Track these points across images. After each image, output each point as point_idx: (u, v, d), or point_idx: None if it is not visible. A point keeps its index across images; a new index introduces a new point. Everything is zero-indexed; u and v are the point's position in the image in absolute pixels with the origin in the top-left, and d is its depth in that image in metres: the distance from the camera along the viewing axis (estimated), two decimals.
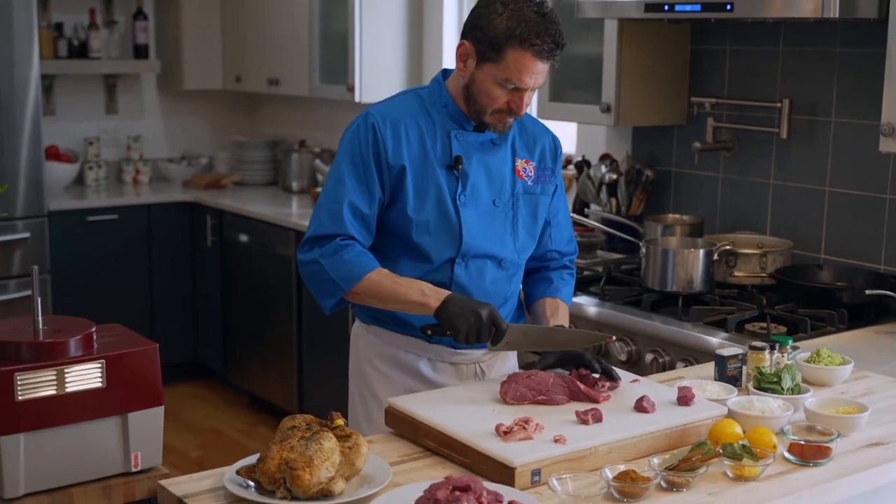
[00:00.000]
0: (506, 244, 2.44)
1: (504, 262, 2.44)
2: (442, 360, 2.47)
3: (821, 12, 2.84)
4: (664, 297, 3.26)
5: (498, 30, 2.24)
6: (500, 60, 2.26)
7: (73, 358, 1.86)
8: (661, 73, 3.78)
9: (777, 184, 3.61)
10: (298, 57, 5.37)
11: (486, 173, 2.41)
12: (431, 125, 2.39)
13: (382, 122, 2.35)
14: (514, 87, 2.28)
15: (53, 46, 5.62)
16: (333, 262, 2.31)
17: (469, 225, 2.38)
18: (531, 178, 2.47)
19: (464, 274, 2.40)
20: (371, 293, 2.31)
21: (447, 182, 2.37)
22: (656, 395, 2.17)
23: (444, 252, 2.38)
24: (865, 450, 2.09)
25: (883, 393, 2.43)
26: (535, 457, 1.89)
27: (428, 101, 2.41)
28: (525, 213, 2.47)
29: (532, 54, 2.24)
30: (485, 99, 2.32)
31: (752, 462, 1.91)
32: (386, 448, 2.08)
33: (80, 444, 1.88)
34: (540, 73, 2.29)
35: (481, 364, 2.50)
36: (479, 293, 2.40)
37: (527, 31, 2.23)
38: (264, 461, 1.80)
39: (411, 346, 2.46)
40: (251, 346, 5.38)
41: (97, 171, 5.81)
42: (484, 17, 2.28)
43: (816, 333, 2.97)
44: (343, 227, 2.32)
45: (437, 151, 2.37)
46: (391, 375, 2.48)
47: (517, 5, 2.25)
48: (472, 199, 2.39)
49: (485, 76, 2.29)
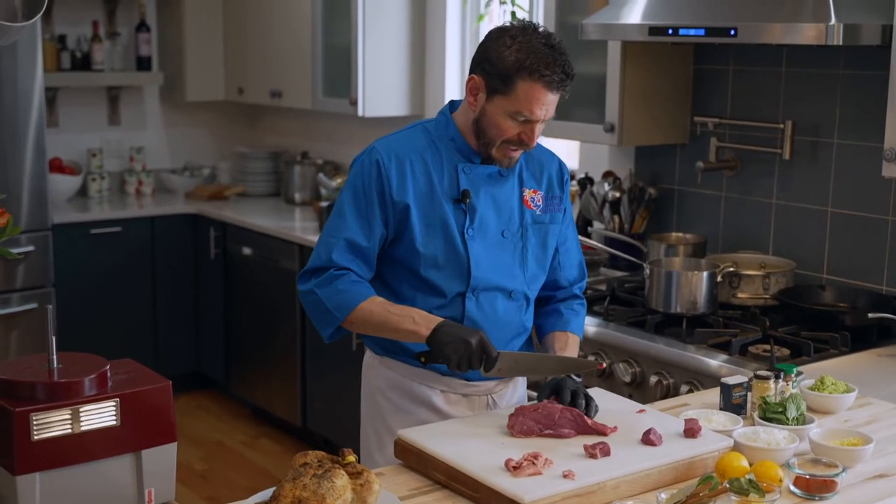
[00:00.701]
0: (515, 276, 2.46)
1: (514, 293, 2.46)
2: (454, 391, 2.48)
3: (824, 40, 2.87)
4: (668, 319, 3.28)
5: (507, 62, 2.26)
6: (511, 92, 2.27)
7: (87, 397, 1.87)
8: (664, 92, 3.80)
9: (779, 204, 3.63)
10: (301, 70, 5.38)
11: (495, 205, 2.42)
12: (438, 159, 2.40)
13: (388, 158, 2.37)
14: (525, 119, 2.30)
15: (57, 59, 5.64)
16: (328, 292, 2.35)
17: (477, 258, 2.40)
18: (539, 207, 2.49)
19: (475, 308, 2.42)
20: (365, 322, 2.35)
21: (454, 216, 2.39)
22: (663, 427, 2.19)
23: (453, 286, 2.40)
24: (870, 482, 2.11)
25: (886, 421, 2.45)
26: (545, 493, 1.91)
27: (435, 135, 2.43)
28: (534, 244, 2.48)
29: (542, 85, 2.26)
30: (495, 131, 2.33)
31: (758, 497, 1.93)
32: (396, 481, 2.10)
33: (94, 482, 1.90)
34: (550, 104, 2.31)
35: (493, 395, 2.52)
36: (492, 326, 2.42)
37: (536, 62, 2.24)
38: (277, 499, 1.82)
39: (424, 377, 2.48)
40: (254, 358, 5.40)
41: (100, 182, 5.83)
42: (493, 50, 2.30)
43: (819, 356, 2.99)
44: (339, 260, 2.36)
45: (445, 185, 2.39)
46: (403, 407, 2.49)
47: (526, 37, 2.27)
48: (481, 232, 2.41)
49: (495, 109, 2.31)
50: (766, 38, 3.04)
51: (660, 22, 3.26)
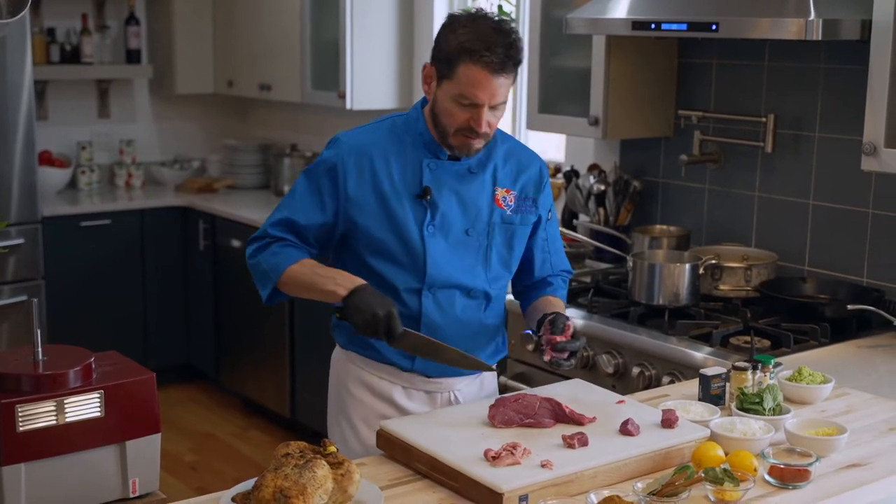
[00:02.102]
0: (476, 274, 2.45)
1: (474, 291, 2.46)
2: (416, 388, 2.50)
3: (804, 35, 2.90)
4: (651, 311, 3.32)
5: (451, 46, 2.27)
6: (454, 76, 2.27)
7: (72, 389, 1.90)
8: (648, 86, 3.83)
9: (762, 196, 3.66)
10: (290, 63, 5.40)
11: (460, 202, 2.42)
12: (403, 154, 2.41)
13: (348, 151, 2.40)
14: (470, 104, 2.28)
15: (46, 52, 5.65)
16: (265, 256, 2.42)
17: (434, 255, 2.40)
18: (511, 207, 2.47)
19: (432, 305, 2.43)
20: (295, 283, 2.39)
21: (415, 212, 2.39)
22: (641, 417, 2.23)
23: (409, 282, 2.41)
24: (844, 471, 2.14)
25: (862, 411, 2.49)
26: (523, 482, 1.94)
27: (402, 129, 2.43)
28: (500, 243, 2.47)
29: (481, 67, 2.24)
30: (446, 118, 2.33)
31: (733, 486, 1.96)
32: (378, 471, 2.13)
33: (79, 472, 1.93)
34: (496, 88, 2.27)
35: (455, 392, 2.53)
36: (451, 323, 2.44)
37: (477, 44, 2.23)
38: (259, 489, 1.85)
39: (386, 373, 2.50)
40: (244, 350, 5.43)
41: (90, 175, 5.85)
42: (442, 36, 2.31)
43: (799, 347, 3.03)
44: (273, 232, 2.43)
45: (408, 181, 2.39)
46: (365, 401, 2.52)
47: (474, 23, 2.27)
48: (442, 229, 2.40)
49: (444, 95, 2.31)
50: (748, 33, 3.07)
51: (643, 16, 3.29)
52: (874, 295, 3.24)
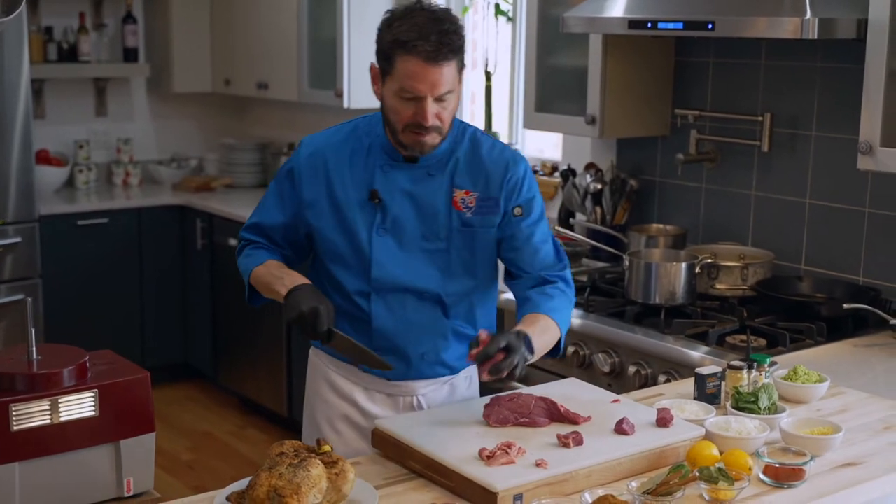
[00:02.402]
0: (430, 277, 2.39)
1: (426, 295, 2.40)
2: (378, 390, 2.49)
3: (800, 33, 2.90)
4: (647, 309, 3.32)
5: (387, 41, 2.24)
6: (393, 71, 2.24)
7: (66, 388, 1.90)
8: (645, 85, 3.83)
9: (758, 195, 3.66)
10: (287, 62, 5.40)
11: (415, 206, 2.37)
12: (360, 157, 2.39)
13: (307, 155, 2.42)
14: (413, 97, 2.23)
15: (43, 50, 5.65)
16: (241, 259, 2.50)
17: (380, 258, 2.38)
18: (471, 209, 2.38)
19: (383, 308, 2.40)
20: (259, 284, 2.43)
21: (365, 215, 2.38)
22: (636, 417, 2.23)
23: (358, 285, 2.40)
24: (839, 470, 2.14)
25: (858, 410, 2.49)
26: (517, 482, 1.95)
27: (363, 132, 2.41)
28: (460, 247, 2.40)
29: (416, 57, 2.19)
30: (392, 115, 2.29)
31: (727, 485, 1.97)
32: (372, 470, 2.13)
33: (73, 472, 1.93)
34: (437, 79, 2.21)
35: (419, 396, 2.49)
36: (403, 327, 2.41)
37: (410, 35, 2.19)
38: (253, 488, 1.85)
39: (348, 373, 2.50)
40: (241, 349, 5.43)
41: (87, 173, 5.84)
42: (380, 33, 2.28)
43: (795, 346, 3.03)
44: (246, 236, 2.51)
45: (360, 184, 2.38)
46: (329, 401, 2.53)
47: (411, 16, 2.23)
48: (394, 232, 2.37)
49: (388, 92, 2.28)
50: (744, 32, 3.07)
51: (640, 15, 3.29)
52: (870, 294, 3.24)
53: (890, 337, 3.10)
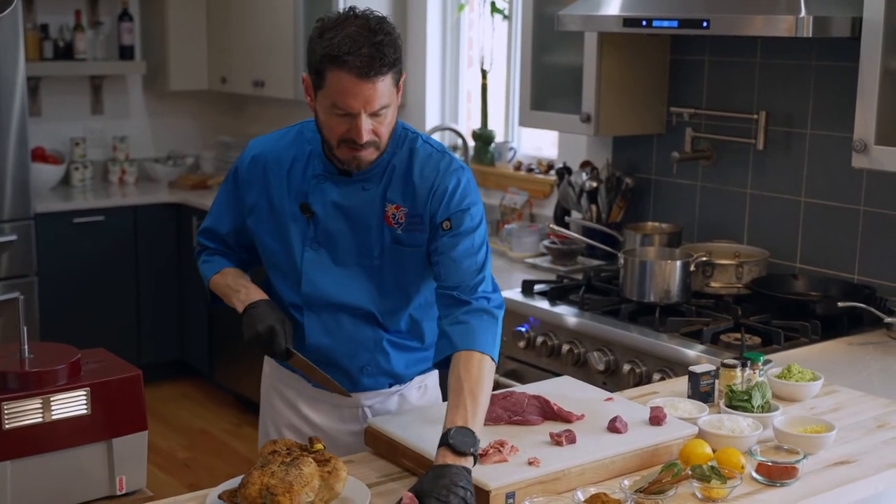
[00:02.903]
0: (363, 294, 2.30)
1: (360, 312, 2.31)
2: (323, 400, 2.41)
3: (794, 32, 2.90)
4: (642, 308, 3.32)
5: (317, 55, 2.09)
6: (324, 85, 2.10)
7: (58, 386, 1.90)
8: (640, 82, 3.83)
9: (754, 193, 3.66)
10: (283, 60, 5.40)
11: (348, 220, 2.27)
12: (301, 165, 2.28)
13: (252, 159, 2.32)
14: (345, 113, 2.11)
15: (39, 48, 5.64)
16: (199, 264, 2.47)
17: (310, 273, 2.29)
18: (401, 225, 2.26)
19: (316, 323, 2.32)
20: (217, 292, 2.41)
21: (298, 227, 2.29)
22: (629, 415, 2.23)
23: (291, 296, 2.34)
24: (832, 468, 2.14)
25: (852, 408, 2.49)
26: (510, 480, 1.95)
27: (307, 137, 2.30)
28: (392, 264, 2.29)
29: (347, 72, 2.05)
30: (326, 131, 2.18)
31: (720, 483, 1.97)
32: (365, 468, 2.13)
33: (66, 470, 1.93)
34: (369, 94, 2.08)
35: (365, 408, 2.41)
36: (338, 342, 2.33)
37: (340, 49, 2.04)
38: (245, 486, 1.85)
39: (293, 382, 2.45)
40: (237, 347, 5.42)
41: (83, 171, 5.84)
42: (310, 44, 2.13)
43: (790, 345, 3.03)
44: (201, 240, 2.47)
45: (296, 194, 2.28)
46: (277, 408, 2.49)
47: (342, 26, 2.07)
48: (327, 246, 2.29)
49: (320, 106, 2.15)
50: (739, 30, 3.07)
51: (634, 13, 3.29)
52: (865, 292, 3.25)
53: (885, 335, 3.11)
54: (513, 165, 4.79)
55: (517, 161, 4.79)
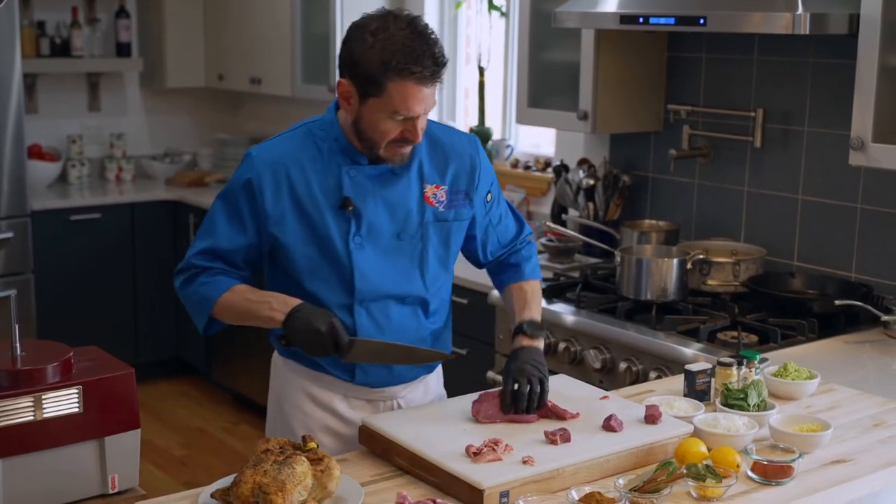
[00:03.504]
0: (412, 280, 2.33)
1: (408, 299, 2.34)
2: (357, 396, 2.39)
3: (791, 29, 2.89)
4: (638, 305, 3.31)
5: (373, 64, 2.10)
6: (383, 94, 2.12)
7: (50, 384, 1.89)
8: (638, 80, 3.82)
9: (751, 191, 3.65)
10: (280, 57, 5.39)
11: (387, 207, 2.29)
12: (322, 163, 2.26)
13: (262, 168, 2.24)
14: (405, 118, 2.16)
15: (36, 45, 5.63)
16: (193, 288, 2.32)
17: (363, 268, 2.28)
18: (442, 203, 2.33)
19: (367, 320, 2.31)
20: (229, 312, 2.30)
21: (338, 224, 2.27)
22: (625, 413, 2.22)
23: (338, 298, 2.29)
24: (828, 467, 2.14)
25: (848, 407, 2.48)
26: (504, 479, 1.94)
27: (319, 137, 2.28)
28: (436, 242, 2.34)
29: (413, 82, 2.11)
30: (376, 134, 2.19)
31: (714, 482, 1.96)
32: (359, 466, 2.12)
33: (58, 468, 1.92)
34: (427, 98, 2.16)
35: (399, 399, 2.42)
36: (389, 335, 2.32)
37: (402, 59, 2.09)
38: (238, 485, 1.84)
39: (325, 382, 2.39)
40: (234, 344, 5.42)
41: (80, 168, 5.83)
42: (357, 51, 2.12)
43: (787, 343, 3.02)
44: (199, 262, 2.32)
45: (328, 192, 2.26)
46: (307, 411, 2.41)
47: (387, 32, 2.11)
48: (370, 238, 2.28)
49: (371, 111, 2.17)
50: (735, 27, 3.06)
51: (631, 10, 3.27)
52: (862, 290, 3.24)
53: (882, 333, 3.10)
54: (510, 163, 4.78)
55: (514, 158, 4.79)
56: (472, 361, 3.65)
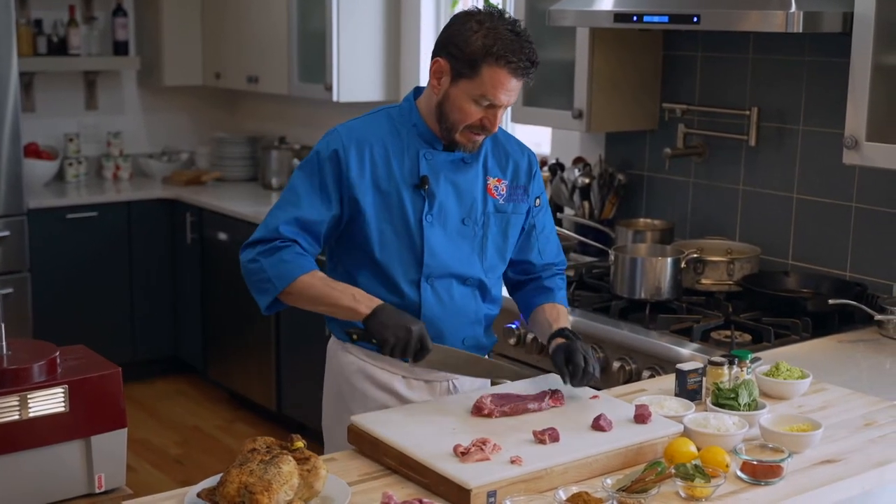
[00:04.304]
0: (472, 263, 2.46)
1: (469, 280, 2.47)
2: (416, 377, 2.49)
3: (784, 27, 2.88)
4: (632, 304, 3.30)
5: (474, 46, 2.27)
6: (476, 77, 2.29)
7: (36, 383, 1.88)
8: (633, 78, 3.81)
9: (746, 190, 3.65)
10: (277, 55, 5.38)
11: (456, 192, 2.43)
12: (400, 145, 2.41)
13: (347, 141, 2.39)
14: (489, 104, 2.31)
15: (33, 43, 5.62)
16: (271, 261, 2.36)
17: (432, 245, 2.41)
18: (503, 196, 2.49)
19: (431, 295, 2.43)
20: (304, 294, 2.35)
21: (413, 202, 2.40)
22: (615, 413, 2.21)
23: (408, 273, 2.42)
24: (817, 467, 2.13)
25: (839, 407, 2.47)
26: (491, 478, 1.93)
27: (398, 121, 2.44)
28: (495, 233, 2.49)
29: (508, 71, 2.27)
30: (458, 115, 2.33)
31: (703, 482, 1.95)
32: (347, 466, 2.11)
33: (43, 468, 1.91)
34: (514, 91, 2.32)
35: (454, 381, 2.53)
36: (448, 313, 2.45)
37: (503, 48, 2.26)
38: (224, 485, 1.84)
39: (386, 363, 2.48)
40: (231, 343, 5.41)
41: (77, 167, 5.83)
42: (460, 34, 2.30)
43: (780, 342, 3.01)
44: (286, 232, 2.37)
45: (405, 171, 2.40)
46: (366, 392, 2.50)
47: (493, 23, 2.29)
48: (440, 218, 2.41)
49: (459, 93, 2.32)
50: (728, 25, 3.06)
51: (625, 9, 3.27)
52: (856, 289, 3.23)
53: (876, 333, 3.09)
54: None
55: None
56: None
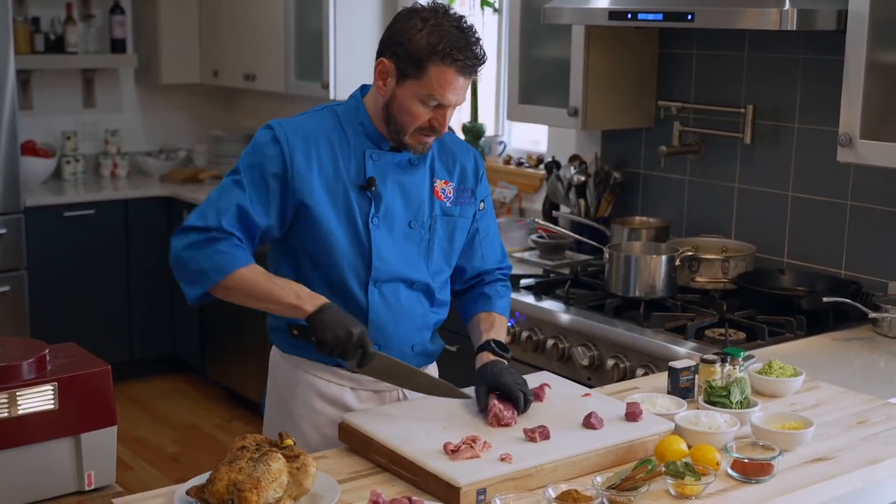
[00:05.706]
0: (419, 267, 2.38)
1: (416, 284, 2.38)
2: (364, 388, 2.40)
3: (779, 25, 2.88)
4: (627, 302, 3.30)
5: (419, 45, 2.19)
6: (423, 76, 2.20)
7: (25, 381, 1.88)
8: (628, 76, 3.81)
9: (741, 188, 3.64)
10: (274, 53, 5.39)
11: (403, 194, 2.35)
12: (346, 144, 2.32)
13: (293, 133, 2.27)
14: (437, 104, 2.23)
15: (30, 41, 5.62)
16: (206, 252, 2.22)
17: (380, 248, 2.32)
18: (450, 199, 2.41)
19: (378, 299, 2.34)
20: (243, 289, 2.23)
21: (359, 204, 2.31)
22: (606, 410, 2.21)
23: (353, 276, 2.32)
24: (809, 465, 2.12)
25: (832, 405, 2.47)
26: (481, 476, 1.93)
27: (343, 119, 2.34)
28: (441, 237, 2.41)
29: (455, 69, 2.20)
30: (406, 117, 2.25)
31: (693, 480, 1.95)
32: (338, 463, 2.11)
33: (33, 465, 1.91)
34: (462, 89, 2.24)
35: (402, 391, 2.42)
36: (396, 317, 2.36)
37: (449, 45, 2.18)
38: (213, 482, 1.84)
39: (334, 375, 2.39)
40: (228, 341, 5.41)
41: (75, 165, 5.82)
42: (404, 32, 2.21)
43: (774, 340, 3.01)
44: (227, 226, 2.23)
45: (351, 172, 2.31)
46: (315, 407, 2.40)
47: (437, 20, 2.20)
48: (386, 221, 2.33)
49: (406, 94, 2.23)
50: (723, 23, 3.05)
51: (620, 6, 3.26)
52: (851, 287, 3.22)
53: (870, 331, 3.08)
54: (503, 159, 4.77)
55: (507, 155, 4.77)
56: (463, 357, 3.63)
